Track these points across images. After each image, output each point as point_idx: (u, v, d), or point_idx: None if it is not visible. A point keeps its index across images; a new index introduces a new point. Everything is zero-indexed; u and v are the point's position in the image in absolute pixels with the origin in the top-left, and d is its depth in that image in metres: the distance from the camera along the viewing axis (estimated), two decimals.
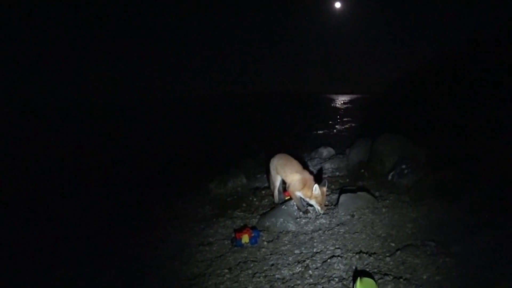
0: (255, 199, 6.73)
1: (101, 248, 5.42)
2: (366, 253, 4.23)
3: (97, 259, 5.08)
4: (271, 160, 6.17)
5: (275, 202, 6.24)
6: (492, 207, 4.59)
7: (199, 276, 4.28)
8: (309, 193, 5.31)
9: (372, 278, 3.51)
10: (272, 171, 6.12)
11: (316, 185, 5.17)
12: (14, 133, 18.06)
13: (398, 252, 4.13)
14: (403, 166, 6.54)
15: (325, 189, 5.34)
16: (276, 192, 6.22)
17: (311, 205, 5.55)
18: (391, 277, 3.67)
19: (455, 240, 4.19)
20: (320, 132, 13.21)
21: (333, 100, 22.54)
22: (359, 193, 5.77)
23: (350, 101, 21.69)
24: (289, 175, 5.68)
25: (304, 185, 5.39)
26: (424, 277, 3.63)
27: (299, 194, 5.51)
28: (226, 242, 5.08)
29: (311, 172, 5.83)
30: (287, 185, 5.78)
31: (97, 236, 5.87)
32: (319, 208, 5.34)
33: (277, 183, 6.12)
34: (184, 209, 6.68)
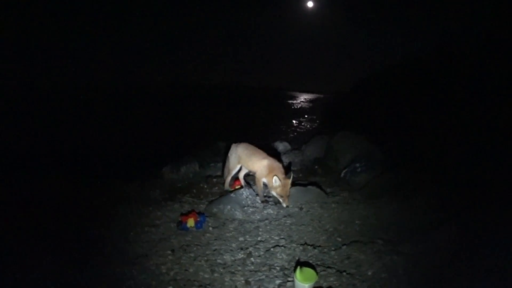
0: (205, 186, 6.65)
1: (47, 226, 5.11)
2: (311, 245, 4.20)
3: (42, 237, 4.76)
4: (233, 147, 6.04)
5: (225, 188, 6.19)
6: (445, 208, 4.60)
7: (142, 256, 4.15)
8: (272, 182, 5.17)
9: (314, 269, 3.45)
10: (233, 159, 5.98)
11: (275, 177, 5.01)
12: None
13: (344, 247, 4.11)
14: (357, 164, 6.56)
15: (289, 181, 5.11)
16: (229, 179, 6.16)
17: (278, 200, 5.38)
18: (334, 270, 3.63)
19: (404, 239, 4.15)
20: (279, 127, 13.28)
21: (297, 97, 22.81)
22: (309, 187, 5.77)
23: (313, 99, 21.97)
24: (256, 162, 5.57)
25: (270, 171, 5.24)
26: (369, 273, 3.59)
27: (264, 180, 5.38)
28: (172, 225, 4.95)
29: (279, 160, 5.74)
30: (255, 172, 5.64)
31: (42, 214, 5.56)
32: (281, 200, 5.14)
33: (234, 171, 6.05)
34: (135, 192, 6.48)
